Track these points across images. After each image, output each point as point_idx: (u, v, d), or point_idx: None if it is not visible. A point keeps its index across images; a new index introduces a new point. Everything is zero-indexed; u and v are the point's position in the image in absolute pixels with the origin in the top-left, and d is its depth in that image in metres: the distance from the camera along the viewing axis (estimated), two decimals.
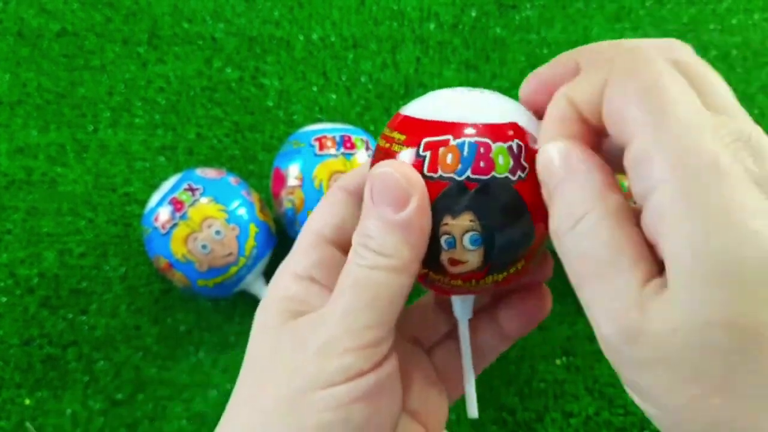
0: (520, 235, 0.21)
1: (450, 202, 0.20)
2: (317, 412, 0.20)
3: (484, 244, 0.20)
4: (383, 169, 0.20)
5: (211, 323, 0.45)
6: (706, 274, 0.14)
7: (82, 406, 0.43)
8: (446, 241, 0.21)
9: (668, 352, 0.15)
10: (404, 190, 0.20)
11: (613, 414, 0.42)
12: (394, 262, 0.20)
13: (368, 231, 0.21)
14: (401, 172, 0.20)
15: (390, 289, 0.20)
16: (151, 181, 0.47)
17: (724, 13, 0.53)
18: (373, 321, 0.20)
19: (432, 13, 0.52)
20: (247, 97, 0.50)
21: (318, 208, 0.25)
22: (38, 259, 0.46)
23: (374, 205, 0.20)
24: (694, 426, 0.16)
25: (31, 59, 0.51)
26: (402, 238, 0.20)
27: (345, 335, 0.20)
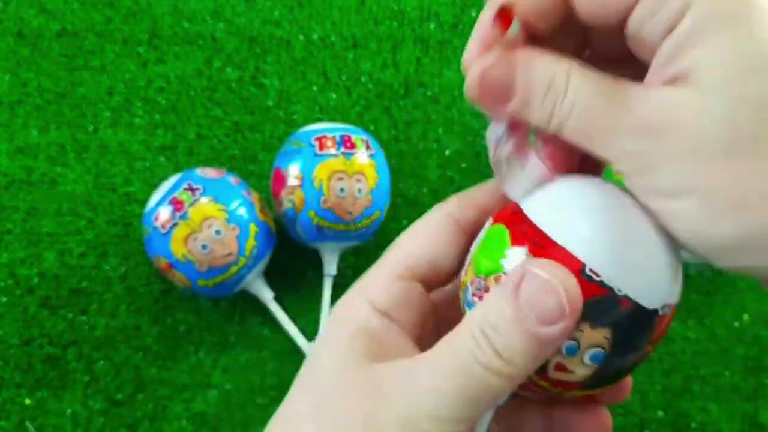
0: (634, 363, 0.19)
1: (597, 313, 0.18)
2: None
3: (601, 364, 0.19)
4: (544, 274, 0.18)
5: (211, 323, 0.45)
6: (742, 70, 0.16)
7: (82, 406, 0.43)
8: (568, 347, 0.19)
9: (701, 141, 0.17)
10: (561, 310, 0.17)
11: (613, 414, 0.42)
12: (512, 372, 0.18)
13: (498, 324, 0.18)
14: (570, 291, 0.17)
15: (495, 393, 0.18)
16: (151, 181, 0.47)
17: None
18: (465, 416, 0.18)
19: (432, 12, 0.52)
20: (247, 97, 0.50)
21: (416, 226, 0.22)
22: (38, 259, 0.46)
23: (518, 304, 0.18)
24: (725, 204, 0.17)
25: (31, 59, 0.51)
26: (532, 352, 0.18)
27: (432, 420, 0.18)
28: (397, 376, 0.19)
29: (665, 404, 0.42)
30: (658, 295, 0.19)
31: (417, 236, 0.22)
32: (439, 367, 0.19)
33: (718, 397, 0.42)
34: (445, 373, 0.18)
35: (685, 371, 0.43)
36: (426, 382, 0.18)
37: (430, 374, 0.19)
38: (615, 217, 0.19)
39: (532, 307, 0.18)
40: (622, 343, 0.18)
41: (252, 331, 0.44)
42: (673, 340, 0.44)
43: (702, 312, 0.44)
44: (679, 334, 0.44)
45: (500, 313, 0.18)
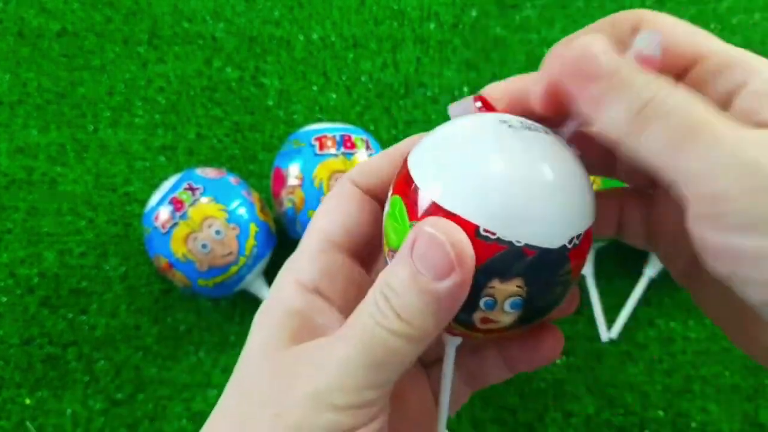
0: (558, 297, 0.20)
1: (502, 267, 0.18)
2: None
3: (523, 308, 0.19)
4: (431, 229, 0.18)
5: (212, 323, 0.45)
6: None
7: (82, 405, 0.43)
8: (486, 302, 0.19)
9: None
10: (449, 262, 0.18)
11: (614, 414, 0.42)
12: (413, 332, 0.18)
13: (395, 285, 0.18)
14: (455, 244, 0.18)
15: (400, 356, 0.19)
16: (151, 181, 0.47)
17: (725, 13, 0.53)
18: (373, 383, 0.19)
19: (432, 12, 0.52)
20: (247, 97, 0.50)
21: (326, 203, 0.22)
22: (38, 259, 0.46)
23: (412, 262, 0.18)
24: None
25: (32, 59, 0.51)
26: (432, 310, 0.18)
27: (340, 391, 0.18)
28: (312, 354, 0.19)
29: (665, 404, 0.42)
30: (561, 233, 0.18)
31: (329, 210, 0.22)
32: (346, 336, 0.19)
33: (718, 397, 0.42)
34: (350, 341, 0.19)
35: (685, 371, 0.43)
36: (336, 358, 0.19)
37: (340, 345, 0.19)
38: (499, 168, 0.18)
39: (423, 264, 0.18)
40: (538, 285, 0.19)
41: None
42: (673, 340, 0.44)
43: (702, 312, 0.44)
44: (679, 334, 0.44)
45: (397, 275, 0.18)
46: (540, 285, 0.19)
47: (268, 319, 0.21)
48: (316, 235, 0.22)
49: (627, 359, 0.43)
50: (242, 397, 0.20)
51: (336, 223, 0.22)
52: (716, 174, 0.15)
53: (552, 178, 0.18)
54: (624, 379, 0.43)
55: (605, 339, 0.44)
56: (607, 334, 0.44)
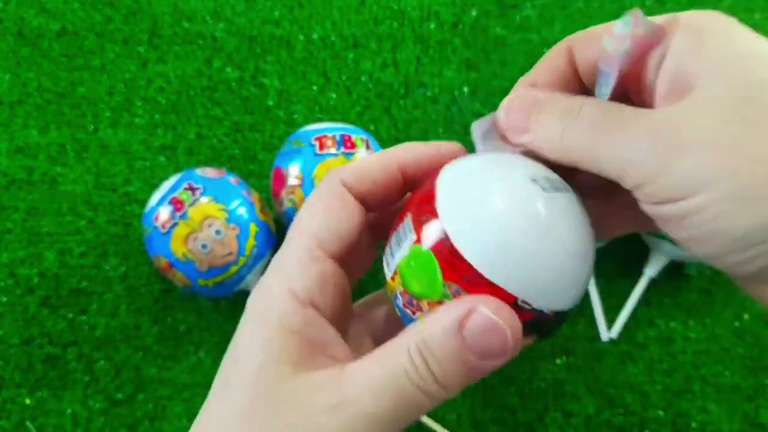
0: None
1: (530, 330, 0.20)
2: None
3: None
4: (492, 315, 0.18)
5: (212, 323, 0.45)
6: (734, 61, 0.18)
7: (82, 405, 0.43)
8: None
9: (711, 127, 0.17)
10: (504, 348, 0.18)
11: (614, 414, 0.42)
12: (447, 395, 0.19)
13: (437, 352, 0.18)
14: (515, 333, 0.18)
15: (422, 412, 0.19)
16: (151, 181, 0.47)
17: (725, 13, 0.52)
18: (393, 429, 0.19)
19: (432, 12, 0.52)
20: (248, 97, 0.50)
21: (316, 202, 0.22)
22: (38, 259, 0.46)
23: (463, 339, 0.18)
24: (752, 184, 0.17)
25: (32, 59, 0.51)
26: (469, 379, 0.19)
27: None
28: (323, 391, 0.19)
29: (665, 404, 0.42)
30: (573, 299, 0.21)
31: (319, 211, 0.22)
32: (370, 386, 0.19)
33: (718, 396, 0.42)
34: (376, 391, 0.19)
35: (685, 371, 0.43)
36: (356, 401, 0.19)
37: (359, 392, 0.19)
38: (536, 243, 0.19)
39: (477, 344, 0.18)
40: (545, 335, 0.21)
41: None
42: (673, 340, 0.44)
43: (702, 312, 0.44)
44: (680, 334, 0.44)
45: (443, 344, 0.18)
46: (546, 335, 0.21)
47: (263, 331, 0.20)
48: (306, 240, 0.21)
49: (627, 359, 0.43)
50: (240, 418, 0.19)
51: (327, 228, 0.21)
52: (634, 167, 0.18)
53: (575, 250, 0.20)
54: (624, 379, 0.43)
55: (605, 339, 0.44)
56: (607, 334, 0.44)
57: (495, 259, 0.19)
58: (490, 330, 0.18)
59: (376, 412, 0.18)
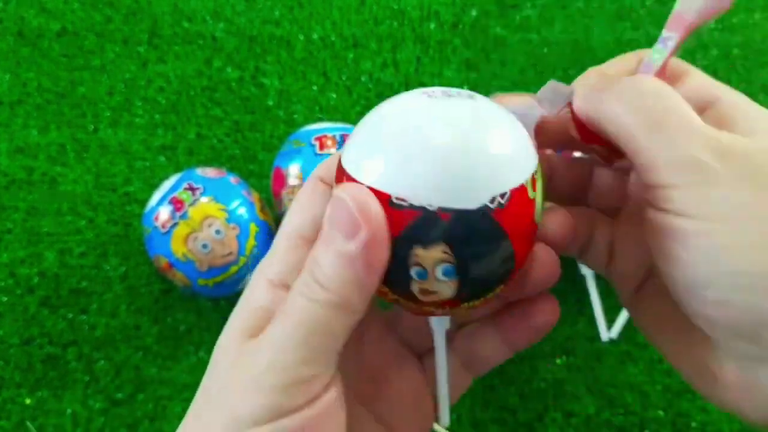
0: (498, 264, 0.19)
1: (420, 233, 0.18)
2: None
3: (458, 276, 0.19)
4: (340, 193, 0.18)
5: (212, 323, 0.45)
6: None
7: (82, 405, 0.43)
8: (417, 272, 0.19)
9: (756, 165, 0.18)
10: (354, 219, 0.18)
11: (614, 414, 0.42)
12: (335, 298, 0.18)
13: (318, 256, 0.19)
14: (357, 200, 0.18)
15: (329, 326, 0.18)
16: (152, 181, 0.47)
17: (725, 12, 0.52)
18: (306, 358, 0.18)
19: (432, 12, 0.52)
20: (248, 97, 0.50)
21: (296, 202, 0.22)
22: (38, 259, 0.46)
23: (329, 230, 0.19)
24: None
25: (32, 59, 0.51)
26: (348, 274, 0.18)
27: (273, 371, 0.18)
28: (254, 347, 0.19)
29: (666, 404, 0.42)
30: (478, 195, 0.18)
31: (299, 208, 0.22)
32: (279, 317, 0.19)
33: None
34: (283, 320, 0.19)
35: None
36: (270, 335, 0.19)
37: (275, 326, 0.19)
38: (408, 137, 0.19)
39: (333, 227, 0.18)
40: (465, 249, 0.18)
41: None
42: None
43: None
44: None
45: (318, 247, 0.19)
46: (467, 247, 0.18)
47: (233, 321, 0.21)
48: (286, 234, 0.22)
49: (627, 359, 0.43)
50: (202, 394, 0.20)
51: (306, 218, 0.22)
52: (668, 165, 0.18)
53: (463, 140, 0.18)
54: (624, 379, 0.43)
55: (605, 339, 0.44)
56: (608, 333, 0.44)
57: (366, 164, 0.19)
58: (336, 207, 0.18)
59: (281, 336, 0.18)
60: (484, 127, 0.19)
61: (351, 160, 0.19)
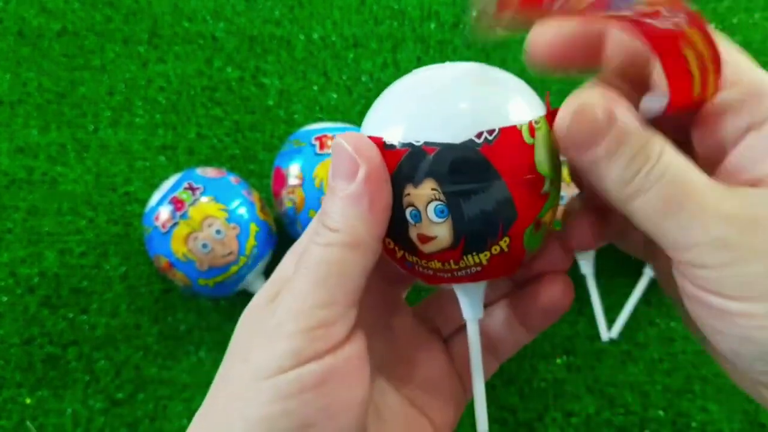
0: (493, 206, 0.19)
1: (410, 170, 0.19)
2: (263, 404, 0.18)
3: (450, 215, 0.19)
4: (337, 139, 0.19)
5: (212, 323, 0.45)
6: None
7: (82, 405, 0.43)
8: (411, 213, 0.20)
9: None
10: (353, 160, 0.19)
11: (614, 413, 0.42)
12: (346, 237, 0.19)
13: (326, 206, 0.20)
14: (351, 142, 0.19)
15: (343, 266, 0.19)
16: (152, 181, 0.47)
17: (725, 12, 0.53)
18: (324, 300, 0.19)
19: (432, 12, 0.52)
20: (248, 97, 0.50)
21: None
22: (39, 259, 0.46)
23: (332, 179, 0.20)
24: None
25: (32, 59, 0.51)
26: (354, 212, 0.19)
27: (292, 316, 0.19)
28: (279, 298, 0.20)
29: (666, 404, 0.42)
30: (463, 130, 0.19)
31: None
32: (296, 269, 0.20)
33: (718, 396, 0.42)
34: (298, 269, 0.19)
35: (685, 371, 0.43)
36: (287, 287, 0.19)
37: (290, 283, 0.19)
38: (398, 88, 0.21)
39: (335, 172, 0.19)
40: (452, 185, 0.19)
41: None
42: (673, 340, 0.44)
43: None
44: (680, 334, 0.44)
45: (325, 200, 0.20)
46: (455, 185, 0.19)
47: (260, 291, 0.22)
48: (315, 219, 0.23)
49: (627, 359, 0.43)
50: (227, 359, 0.21)
51: None
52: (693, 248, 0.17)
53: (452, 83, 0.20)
54: (624, 378, 0.43)
55: (605, 339, 0.44)
56: (608, 333, 0.44)
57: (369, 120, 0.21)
58: (336, 152, 0.19)
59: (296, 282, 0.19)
60: (478, 75, 0.20)
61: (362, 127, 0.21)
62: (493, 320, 0.26)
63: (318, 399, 0.18)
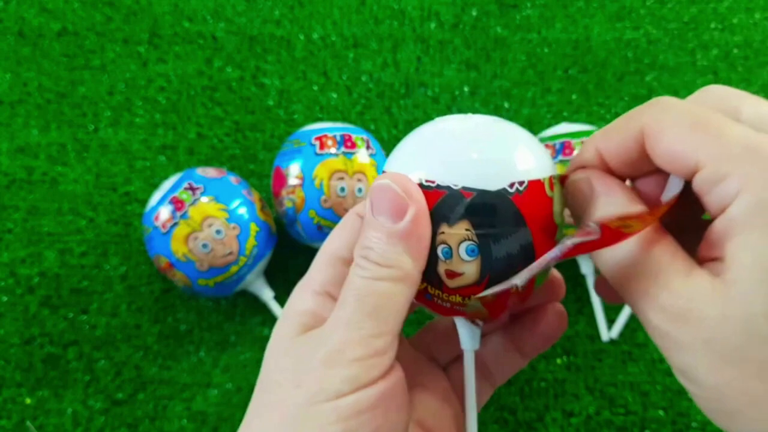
0: (518, 248, 0.21)
1: (446, 211, 0.21)
2: (323, 426, 0.19)
3: (480, 255, 0.21)
4: (381, 181, 0.21)
5: (212, 323, 0.45)
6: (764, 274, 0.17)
7: (82, 405, 0.43)
8: (443, 251, 0.21)
9: (715, 336, 0.17)
10: (402, 200, 0.20)
11: (614, 413, 0.42)
12: (395, 272, 0.20)
13: (369, 243, 0.21)
14: (399, 183, 0.21)
15: (392, 298, 0.20)
16: (152, 181, 0.47)
17: (726, 12, 0.53)
18: (376, 330, 0.20)
19: (433, 12, 0.52)
20: (248, 97, 0.50)
21: (333, 231, 0.25)
22: (39, 259, 0.46)
23: (374, 217, 0.21)
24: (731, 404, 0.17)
25: (32, 59, 0.51)
26: (402, 248, 0.20)
27: (349, 345, 0.20)
28: (318, 332, 0.21)
29: (666, 403, 0.42)
30: (499, 178, 0.21)
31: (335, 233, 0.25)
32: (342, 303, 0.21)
33: None
34: (347, 302, 0.21)
35: None
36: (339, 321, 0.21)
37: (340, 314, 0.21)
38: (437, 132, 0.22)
39: (382, 211, 0.21)
40: (486, 228, 0.21)
41: (252, 331, 0.44)
42: None
43: None
44: None
45: (367, 235, 0.21)
46: (488, 226, 0.21)
47: (282, 324, 0.23)
48: (326, 253, 0.24)
49: (627, 359, 0.43)
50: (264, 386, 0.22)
51: (342, 242, 0.24)
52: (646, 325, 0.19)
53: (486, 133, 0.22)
54: (624, 378, 0.43)
55: (606, 339, 0.44)
56: (608, 333, 0.44)
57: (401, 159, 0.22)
58: (382, 193, 0.21)
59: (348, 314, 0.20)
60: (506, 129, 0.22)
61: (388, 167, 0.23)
62: (489, 348, 0.28)
63: (373, 420, 0.20)
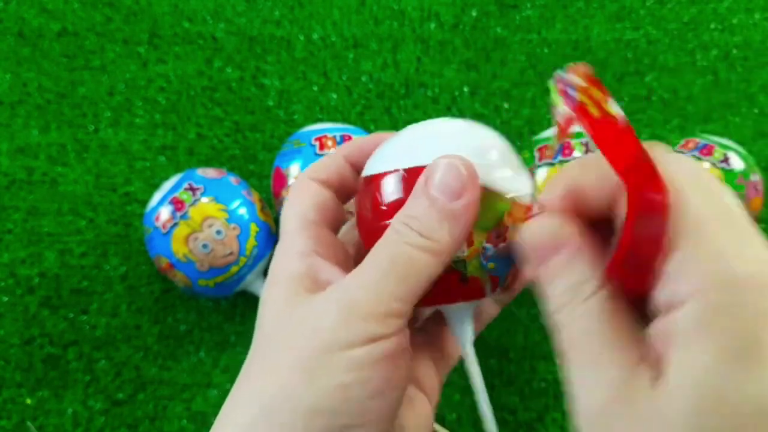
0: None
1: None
2: (338, 373, 0.20)
3: None
4: (450, 159, 0.21)
5: (212, 323, 0.45)
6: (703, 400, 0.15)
7: (82, 405, 0.43)
8: None
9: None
10: (464, 182, 0.21)
11: None
12: (434, 245, 0.21)
13: (415, 212, 0.21)
14: (467, 168, 0.21)
15: (424, 269, 0.21)
16: (152, 181, 0.47)
17: (725, 13, 0.53)
18: (401, 294, 0.21)
19: (432, 12, 0.52)
20: (248, 97, 0.50)
21: (292, 196, 0.25)
22: (39, 259, 0.46)
23: (429, 190, 0.21)
24: None
25: (32, 59, 0.51)
26: (447, 226, 0.21)
27: (372, 301, 0.20)
28: (334, 289, 0.21)
29: None
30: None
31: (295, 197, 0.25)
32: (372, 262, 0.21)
33: None
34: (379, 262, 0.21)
35: None
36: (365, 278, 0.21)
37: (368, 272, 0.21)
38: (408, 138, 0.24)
39: (440, 187, 0.21)
40: None
41: (252, 331, 0.44)
42: None
43: None
44: None
45: (416, 205, 0.21)
46: None
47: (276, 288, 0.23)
48: (295, 220, 0.24)
49: None
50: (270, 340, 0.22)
51: (305, 206, 0.24)
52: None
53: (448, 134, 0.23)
54: None
55: None
56: None
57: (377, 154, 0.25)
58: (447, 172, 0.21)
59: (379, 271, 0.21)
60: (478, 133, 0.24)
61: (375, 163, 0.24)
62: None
63: (386, 371, 0.20)
